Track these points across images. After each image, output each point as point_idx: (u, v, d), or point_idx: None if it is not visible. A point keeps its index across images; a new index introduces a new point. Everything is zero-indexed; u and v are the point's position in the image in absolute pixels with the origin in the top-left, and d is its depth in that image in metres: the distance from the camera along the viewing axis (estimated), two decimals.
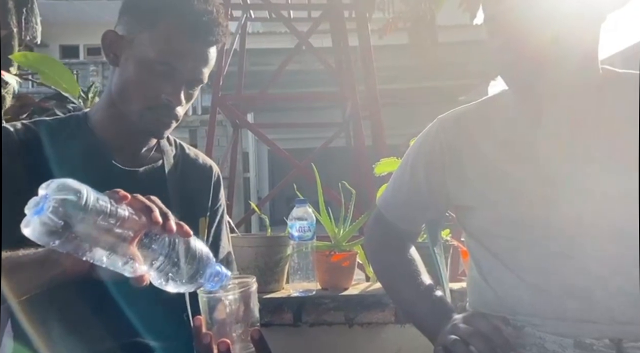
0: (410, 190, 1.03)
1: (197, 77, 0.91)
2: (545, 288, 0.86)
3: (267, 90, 4.18)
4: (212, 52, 0.92)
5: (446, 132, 0.99)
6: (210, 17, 0.89)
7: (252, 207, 2.04)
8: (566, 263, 0.84)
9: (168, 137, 1.05)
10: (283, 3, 3.82)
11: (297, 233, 1.41)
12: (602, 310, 0.82)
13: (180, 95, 0.90)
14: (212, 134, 3.16)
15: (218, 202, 1.09)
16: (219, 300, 0.75)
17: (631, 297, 0.81)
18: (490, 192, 0.92)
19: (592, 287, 0.83)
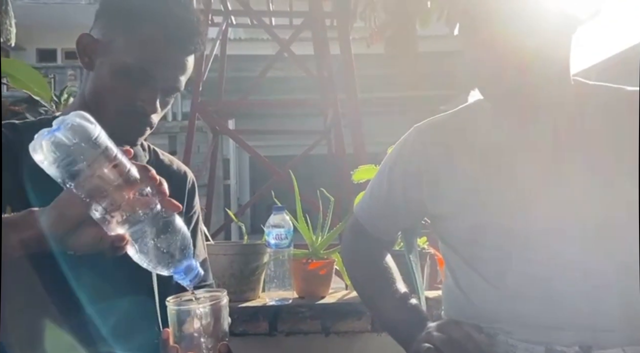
0: (387, 199, 1.03)
1: (174, 85, 0.90)
2: (517, 296, 0.86)
3: (248, 97, 4.17)
4: (190, 61, 0.91)
5: (422, 141, 1.00)
6: (190, 25, 0.88)
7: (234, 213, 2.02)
8: (537, 270, 0.85)
9: (142, 143, 1.03)
10: (265, 10, 3.82)
11: (274, 240, 1.40)
12: (572, 317, 0.83)
13: (156, 103, 0.88)
14: (190, 140, 3.13)
15: (192, 208, 1.08)
16: (188, 313, 0.73)
17: (601, 304, 0.82)
18: (464, 200, 0.92)
19: (562, 294, 0.83)
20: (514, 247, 0.87)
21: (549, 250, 0.85)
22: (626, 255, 0.84)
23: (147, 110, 0.88)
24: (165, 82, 0.88)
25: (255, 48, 5.81)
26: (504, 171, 0.90)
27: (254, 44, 5.94)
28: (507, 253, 0.87)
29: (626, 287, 0.83)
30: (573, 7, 0.85)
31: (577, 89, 0.90)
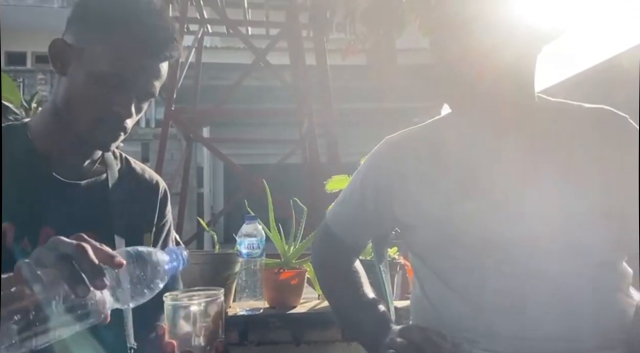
0: (357, 207, 1.05)
1: (149, 91, 0.90)
2: (482, 306, 0.88)
3: (223, 105, 4.15)
4: (164, 67, 0.92)
5: (393, 152, 1.03)
6: (165, 32, 0.89)
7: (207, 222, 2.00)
8: (502, 280, 0.87)
9: (113, 151, 1.02)
10: (241, 19, 3.83)
11: (246, 250, 1.39)
12: (536, 327, 0.85)
13: (131, 108, 0.88)
14: (163, 148, 3.09)
15: (165, 217, 1.07)
16: (184, 309, 0.73)
17: (564, 314, 0.85)
18: (433, 212, 0.94)
19: (526, 304, 0.85)
20: (481, 258, 0.89)
21: (517, 262, 0.87)
22: (595, 266, 0.87)
23: (122, 116, 0.87)
24: (140, 88, 0.88)
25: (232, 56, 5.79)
26: (472, 183, 0.92)
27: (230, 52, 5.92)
28: (474, 264, 0.90)
29: (596, 297, 0.86)
30: (539, 26, 0.89)
31: (540, 105, 0.94)
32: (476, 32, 0.85)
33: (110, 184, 0.97)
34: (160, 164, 3.12)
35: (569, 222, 0.86)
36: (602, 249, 0.87)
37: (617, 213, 0.87)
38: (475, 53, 0.86)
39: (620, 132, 0.91)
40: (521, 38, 0.87)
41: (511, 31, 0.86)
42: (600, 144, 0.89)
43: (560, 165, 0.89)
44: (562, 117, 0.94)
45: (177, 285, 1.08)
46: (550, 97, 0.98)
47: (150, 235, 1.02)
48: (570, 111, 0.96)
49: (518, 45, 0.87)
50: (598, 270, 0.87)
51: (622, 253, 0.91)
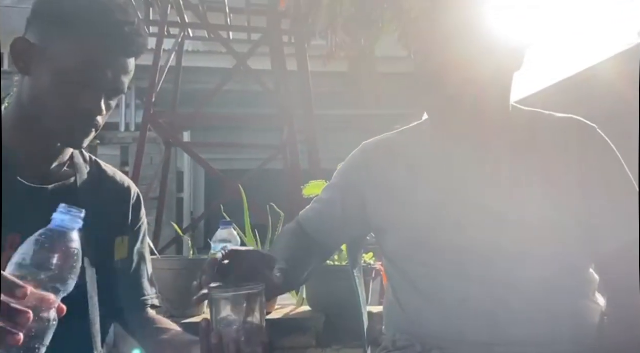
0: (327, 206, 1.07)
1: (117, 87, 0.90)
2: (451, 312, 0.89)
3: (204, 109, 4.12)
4: (132, 63, 0.92)
5: (367, 157, 1.04)
6: (131, 28, 0.88)
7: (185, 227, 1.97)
8: (471, 286, 0.88)
9: (83, 154, 1.01)
10: (222, 24, 3.81)
11: None
12: (504, 333, 0.86)
13: (101, 104, 0.88)
14: (141, 152, 3.05)
15: (139, 221, 1.06)
16: (226, 301, 0.73)
17: (531, 320, 0.86)
18: (403, 215, 0.95)
19: (494, 310, 0.87)
20: (450, 265, 0.90)
21: (485, 269, 0.88)
22: (563, 273, 0.88)
23: (92, 112, 0.87)
24: (108, 85, 0.88)
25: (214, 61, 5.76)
26: (441, 188, 0.94)
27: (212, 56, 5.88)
28: (441, 269, 0.91)
29: (562, 303, 0.88)
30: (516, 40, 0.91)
31: (515, 114, 0.97)
32: (457, 44, 0.87)
33: (79, 188, 0.95)
34: (137, 168, 3.08)
35: (537, 230, 0.88)
36: (570, 257, 0.89)
37: (585, 221, 0.89)
38: (456, 64, 0.87)
39: (589, 141, 0.93)
40: (500, 50, 0.89)
41: (491, 43, 0.88)
42: (569, 153, 0.91)
43: (531, 174, 0.91)
44: (535, 126, 0.96)
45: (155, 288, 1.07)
46: (529, 105, 1.00)
47: (122, 239, 1.01)
48: (542, 120, 0.98)
49: (497, 57, 0.89)
50: (565, 277, 0.89)
51: (589, 260, 0.93)
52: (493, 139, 0.94)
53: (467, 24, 0.88)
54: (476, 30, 0.88)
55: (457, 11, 0.89)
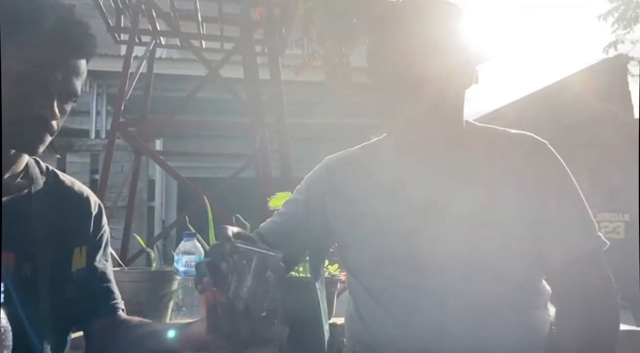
0: (289, 217, 1.07)
1: (70, 89, 0.88)
2: (410, 324, 0.90)
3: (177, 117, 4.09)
4: (82, 65, 0.90)
5: (330, 172, 1.05)
6: (79, 28, 0.88)
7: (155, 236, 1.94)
8: (426, 298, 0.90)
9: (39, 164, 0.99)
10: (195, 32, 3.80)
11: (183, 268, 1.37)
12: (458, 343, 0.88)
13: (54, 107, 0.86)
14: (109, 161, 3.00)
15: (101, 230, 1.05)
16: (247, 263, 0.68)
17: (483, 333, 0.88)
18: (365, 231, 0.97)
19: (449, 322, 0.88)
20: (406, 278, 0.92)
21: (439, 282, 0.90)
22: (514, 286, 0.91)
23: (45, 116, 0.85)
24: (60, 87, 0.86)
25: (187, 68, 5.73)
26: (400, 204, 0.95)
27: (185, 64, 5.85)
28: (401, 284, 0.92)
29: (514, 315, 0.90)
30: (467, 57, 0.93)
31: (468, 130, 0.99)
32: (407, 60, 0.89)
33: (35, 199, 0.93)
34: (105, 177, 3.03)
35: (492, 243, 0.90)
36: (521, 270, 0.91)
37: (536, 235, 0.91)
38: (406, 80, 0.89)
39: (540, 157, 0.96)
40: (450, 67, 0.91)
41: (441, 60, 0.90)
42: (521, 168, 0.94)
43: (485, 189, 0.93)
44: (488, 141, 0.99)
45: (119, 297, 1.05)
46: (502, 116, 1.03)
47: (80, 250, 0.99)
48: (495, 136, 1.01)
49: (447, 74, 0.91)
50: (516, 290, 0.91)
51: (541, 272, 0.95)
52: (449, 154, 0.96)
53: (418, 41, 0.89)
54: (427, 47, 0.89)
55: (409, 28, 0.90)
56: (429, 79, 0.89)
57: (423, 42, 0.89)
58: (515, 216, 0.91)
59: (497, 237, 0.90)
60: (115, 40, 3.84)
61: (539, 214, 0.92)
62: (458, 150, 0.96)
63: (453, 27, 0.93)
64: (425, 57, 0.89)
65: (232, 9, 3.91)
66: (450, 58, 0.90)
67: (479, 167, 0.95)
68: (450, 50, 0.91)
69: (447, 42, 0.91)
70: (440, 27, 0.92)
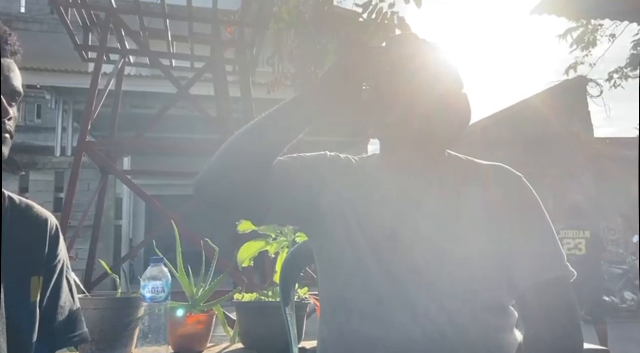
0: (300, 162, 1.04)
1: (13, 88, 0.89)
2: (377, 341, 0.91)
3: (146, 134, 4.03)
4: (14, 63, 0.92)
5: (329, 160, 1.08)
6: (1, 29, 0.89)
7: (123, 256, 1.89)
8: (395, 315, 0.91)
9: None
10: (164, 51, 3.78)
11: (150, 294, 1.34)
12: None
13: (6, 107, 0.86)
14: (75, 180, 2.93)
15: (56, 258, 1.00)
16: None
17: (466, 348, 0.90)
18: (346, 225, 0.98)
19: (418, 340, 0.90)
20: (379, 289, 0.93)
21: (412, 302, 0.91)
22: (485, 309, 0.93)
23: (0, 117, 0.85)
24: (4, 87, 0.87)
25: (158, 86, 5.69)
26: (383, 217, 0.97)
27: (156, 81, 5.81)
28: (373, 294, 0.93)
29: (483, 337, 0.92)
30: None
31: (448, 159, 1.04)
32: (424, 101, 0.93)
33: None
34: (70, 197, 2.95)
35: (460, 267, 0.92)
36: (490, 293, 0.94)
37: (506, 261, 0.95)
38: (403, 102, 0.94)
39: (514, 188, 1.00)
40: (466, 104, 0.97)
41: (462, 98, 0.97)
42: (496, 198, 0.97)
43: (457, 213, 0.96)
44: (466, 170, 1.03)
45: (79, 325, 1.02)
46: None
47: (39, 279, 0.96)
48: (472, 165, 1.05)
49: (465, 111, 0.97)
50: (485, 312, 0.93)
51: (511, 297, 0.98)
52: (432, 179, 1.00)
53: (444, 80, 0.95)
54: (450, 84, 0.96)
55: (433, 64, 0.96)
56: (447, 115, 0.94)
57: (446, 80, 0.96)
58: (486, 242, 0.94)
59: (467, 260, 0.93)
60: (82, 58, 3.78)
61: (510, 242, 0.95)
62: (439, 178, 1.00)
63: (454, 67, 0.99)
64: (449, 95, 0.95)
65: (203, 29, 3.92)
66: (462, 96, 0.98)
67: (454, 195, 0.99)
68: (460, 88, 0.98)
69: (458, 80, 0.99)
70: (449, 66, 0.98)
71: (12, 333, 0.87)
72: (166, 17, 3.61)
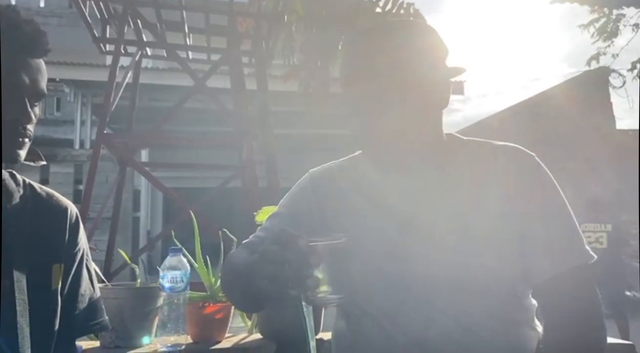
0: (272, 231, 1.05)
1: (38, 90, 0.87)
2: (395, 339, 0.90)
3: (163, 127, 4.06)
4: (42, 63, 0.90)
5: (315, 185, 1.04)
6: (32, 27, 0.86)
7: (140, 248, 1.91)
8: (411, 314, 0.89)
9: (15, 177, 0.96)
10: (181, 44, 3.79)
11: (169, 284, 1.35)
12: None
13: (29, 111, 0.85)
14: (93, 172, 2.96)
15: (76, 246, 1.00)
16: None
17: (472, 349, 0.88)
18: (354, 245, 0.96)
19: (435, 339, 0.88)
20: (391, 294, 0.91)
21: (426, 298, 0.89)
22: (501, 303, 0.90)
23: (21, 121, 0.84)
24: (29, 89, 0.86)
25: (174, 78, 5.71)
26: (383, 220, 0.95)
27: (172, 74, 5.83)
28: (386, 298, 0.92)
29: (501, 332, 0.90)
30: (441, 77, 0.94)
31: (449, 143, 0.99)
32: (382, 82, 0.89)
33: (10, 213, 0.90)
34: (89, 188, 2.98)
35: (473, 261, 0.89)
36: (506, 286, 0.91)
37: (521, 249, 0.91)
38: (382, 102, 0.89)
39: (527, 169, 0.95)
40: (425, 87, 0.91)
41: (421, 77, 0.90)
42: (507, 180, 0.93)
43: (472, 203, 0.93)
44: (471, 154, 0.98)
45: (100, 314, 1.03)
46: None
47: (60, 267, 0.96)
48: (479, 148, 1.00)
49: (427, 91, 0.91)
50: (502, 306, 0.91)
51: (527, 287, 0.95)
52: (429, 169, 0.95)
53: (396, 58, 0.89)
54: (406, 64, 0.89)
55: (387, 46, 0.90)
56: (407, 96, 0.89)
57: (401, 59, 0.89)
58: (500, 231, 0.90)
59: (480, 253, 0.89)
60: (100, 51, 3.82)
61: (525, 228, 0.91)
62: (439, 165, 0.96)
63: (428, 45, 0.93)
64: (403, 74, 0.89)
65: (219, 20, 3.92)
66: (427, 75, 0.90)
67: (462, 182, 0.94)
68: (427, 67, 0.91)
69: (424, 59, 0.91)
70: (416, 46, 0.92)
71: (35, 320, 0.88)
72: (182, 8, 3.62)
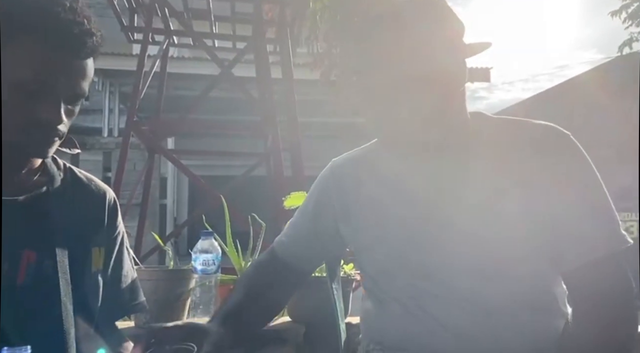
0: (302, 231, 1.08)
1: (76, 92, 0.86)
2: (422, 324, 0.90)
3: (189, 115, 4.12)
4: (88, 64, 0.87)
5: (336, 176, 1.05)
6: (81, 28, 0.83)
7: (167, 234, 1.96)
8: (437, 300, 0.89)
9: (57, 161, 0.97)
10: (207, 32, 3.82)
11: (201, 266, 1.39)
12: (472, 346, 0.88)
13: (60, 113, 0.84)
14: (124, 159, 3.03)
15: (116, 229, 1.03)
16: None
17: (499, 334, 0.88)
18: (379, 234, 0.96)
19: (462, 325, 0.88)
20: (417, 280, 0.91)
21: (453, 285, 0.89)
22: (529, 288, 0.89)
23: (51, 122, 0.83)
24: (65, 91, 0.84)
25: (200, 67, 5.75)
26: (413, 205, 0.95)
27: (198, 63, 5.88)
28: (412, 285, 0.92)
29: (529, 319, 0.89)
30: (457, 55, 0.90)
31: (475, 123, 0.95)
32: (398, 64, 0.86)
33: (53, 197, 0.92)
34: (119, 175, 3.06)
35: (500, 245, 0.88)
36: (534, 271, 0.89)
37: (552, 233, 0.88)
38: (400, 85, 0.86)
39: (562, 148, 0.91)
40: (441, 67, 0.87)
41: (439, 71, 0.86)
42: (541, 160, 0.89)
43: (493, 186, 0.90)
44: (499, 132, 0.94)
45: (137, 294, 1.06)
46: (511, 115, 0.99)
47: (99, 250, 0.98)
48: (508, 126, 0.96)
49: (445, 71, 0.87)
50: (530, 292, 0.89)
51: (557, 272, 0.93)
52: (454, 153, 0.92)
53: (406, 49, 0.86)
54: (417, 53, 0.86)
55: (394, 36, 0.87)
56: (425, 80, 0.85)
57: (415, 43, 0.86)
58: (527, 215, 0.87)
59: (507, 237, 0.87)
60: (128, 39, 3.88)
61: (558, 210, 0.87)
62: (464, 146, 0.93)
63: (442, 25, 0.89)
64: (419, 58, 0.85)
65: (244, 8, 3.93)
66: (444, 56, 0.87)
67: (487, 163, 0.91)
68: (443, 47, 0.87)
69: (439, 39, 0.87)
70: (430, 27, 0.88)
71: (77, 300, 0.91)
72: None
